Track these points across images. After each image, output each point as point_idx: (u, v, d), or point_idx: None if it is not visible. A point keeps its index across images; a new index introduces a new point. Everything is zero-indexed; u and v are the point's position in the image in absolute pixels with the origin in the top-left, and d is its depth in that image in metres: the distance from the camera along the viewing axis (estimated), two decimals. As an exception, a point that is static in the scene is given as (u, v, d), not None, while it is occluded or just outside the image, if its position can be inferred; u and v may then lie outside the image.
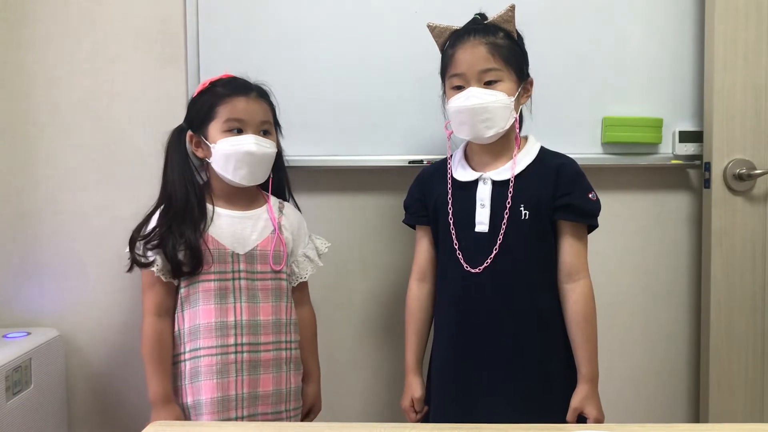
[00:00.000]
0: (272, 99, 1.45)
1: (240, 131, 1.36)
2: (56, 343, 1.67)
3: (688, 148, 1.69)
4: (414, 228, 1.49)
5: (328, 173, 1.72)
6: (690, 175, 1.75)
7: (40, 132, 1.70)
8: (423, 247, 1.46)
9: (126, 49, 1.69)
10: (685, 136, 1.69)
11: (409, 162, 1.66)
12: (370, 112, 1.68)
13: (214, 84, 1.40)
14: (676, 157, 1.70)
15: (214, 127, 1.37)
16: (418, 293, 1.46)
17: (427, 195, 1.43)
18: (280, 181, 1.52)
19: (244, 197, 1.43)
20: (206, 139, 1.38)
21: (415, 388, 1.43)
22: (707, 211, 1.66)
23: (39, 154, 1.70)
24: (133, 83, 1.69)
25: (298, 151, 1.63)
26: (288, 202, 1.53)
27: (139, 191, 1.69)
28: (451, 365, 1.37)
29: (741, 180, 1.62)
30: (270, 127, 1.41)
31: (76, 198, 1.71)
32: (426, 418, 1.43)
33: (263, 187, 1.46)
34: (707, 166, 1.65)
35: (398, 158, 1.67)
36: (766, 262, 1.65)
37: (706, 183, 1.66)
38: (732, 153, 1.63)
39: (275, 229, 1.42)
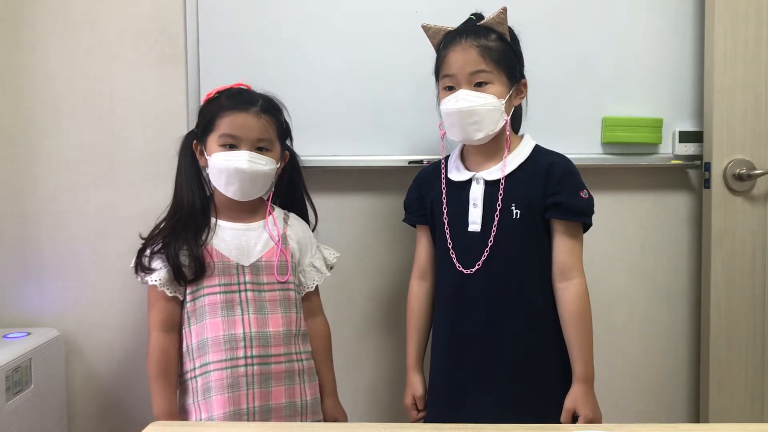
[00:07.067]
0: (285, 112, 1.43)
1: (234, 147, 1.34)
2: (56, 343, 1.67)
3: (688, 148, 1.69)
4: (415, 227, 1.50)
5: (328, 173, 1.71)
6: (690, 175, 1.75)
7: (40, 132, 1.70)
8: (423, 246, 1.47)
9: (126, 49, 1.69)
10: (685, 136, 1.69)
11: (409, 162, 1.66)
12: (370, 112, 1.68)
13: (220, 94, 1.39)
14: (676, 157, 1.70)
15: (212, 140, 1.36)
16: (418, 292, 1.46)
17: (424, 195, 1.44)
18: (293, 190, 1.52)
19: (247, 209, 1.41)
20: (205, 150, 1.38)
21: (416, 386, 1.43)
22: (707, 211, 1.66)
23: (39, 154, 1.70)
24: (133, 83, 1.69)
25: (298, 152, 1.63)
26: (301, 211, 1.52)
27: (139, 191, 1.69)
28: (446, 364, 1.38)
29: (741, 180, 1.62)
30: (269, 144, 1.37)
31: (76, 198, 1.71)
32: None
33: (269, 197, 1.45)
34: (707, 166, 1.65)
35: (398, 158, 1.67)
36: (766, 262, 1.65)
37: (706, 183, 1.66)
38: (732, 153, 1.63)
39: (278, 240, 1.40)
